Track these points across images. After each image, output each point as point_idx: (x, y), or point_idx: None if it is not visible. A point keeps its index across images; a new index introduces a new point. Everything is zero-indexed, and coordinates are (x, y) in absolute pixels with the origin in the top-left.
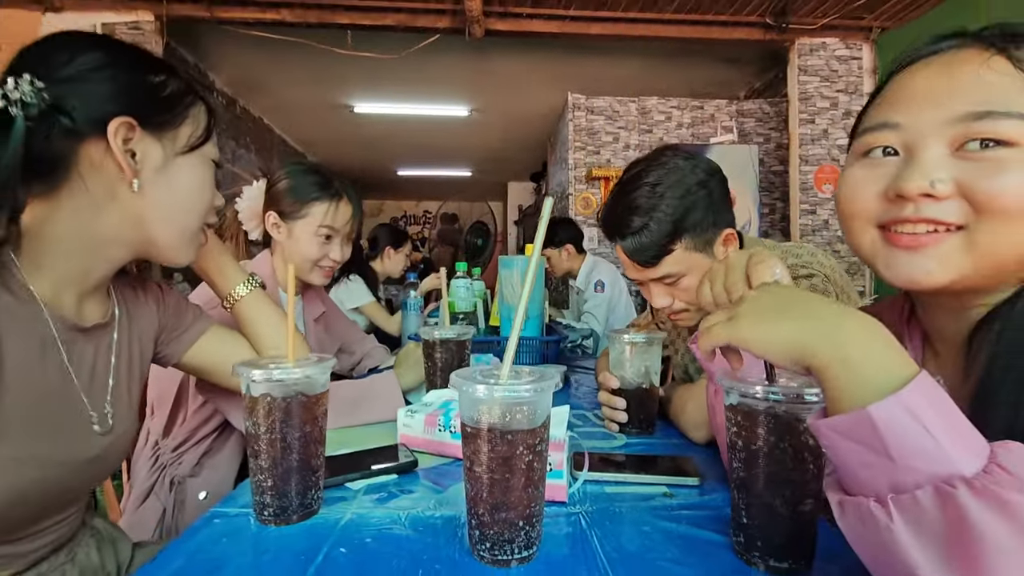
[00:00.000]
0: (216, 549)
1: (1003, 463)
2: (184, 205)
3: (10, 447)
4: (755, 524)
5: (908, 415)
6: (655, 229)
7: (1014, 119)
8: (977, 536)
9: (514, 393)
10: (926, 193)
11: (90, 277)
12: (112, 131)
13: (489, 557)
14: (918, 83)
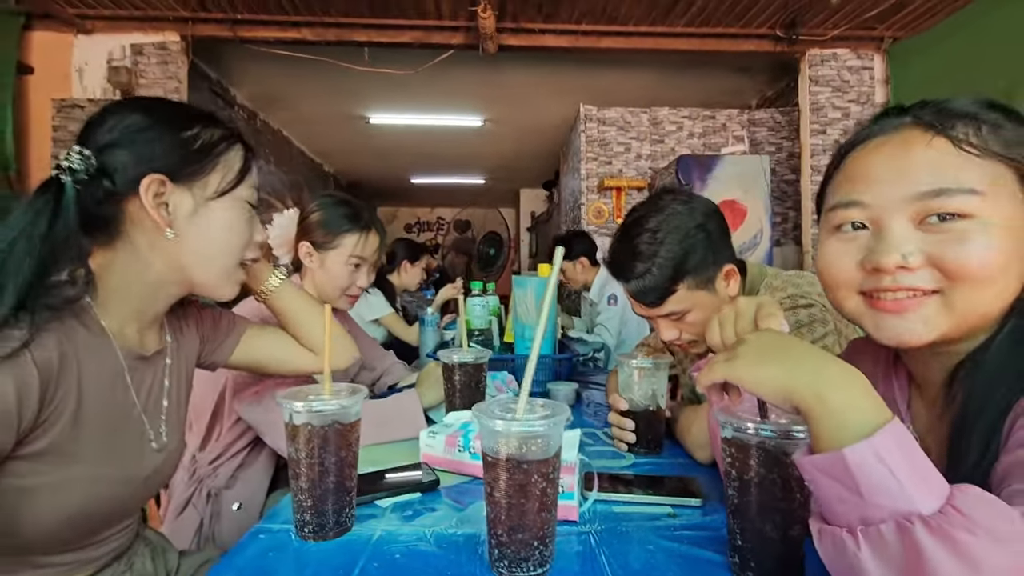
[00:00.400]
0: (263, 563)
1: (958, 505)
2: (218, 247)
3: (86, 467)
4: (748, 546)
5: (876, 458)
6: (657, 273)
7: (965, 194)
8: (929, 568)
9: (529, 428)
10: (900, 265)
11: (148, 313)
12: (144, 188)
13: (507, 574)
14: (874, 164)
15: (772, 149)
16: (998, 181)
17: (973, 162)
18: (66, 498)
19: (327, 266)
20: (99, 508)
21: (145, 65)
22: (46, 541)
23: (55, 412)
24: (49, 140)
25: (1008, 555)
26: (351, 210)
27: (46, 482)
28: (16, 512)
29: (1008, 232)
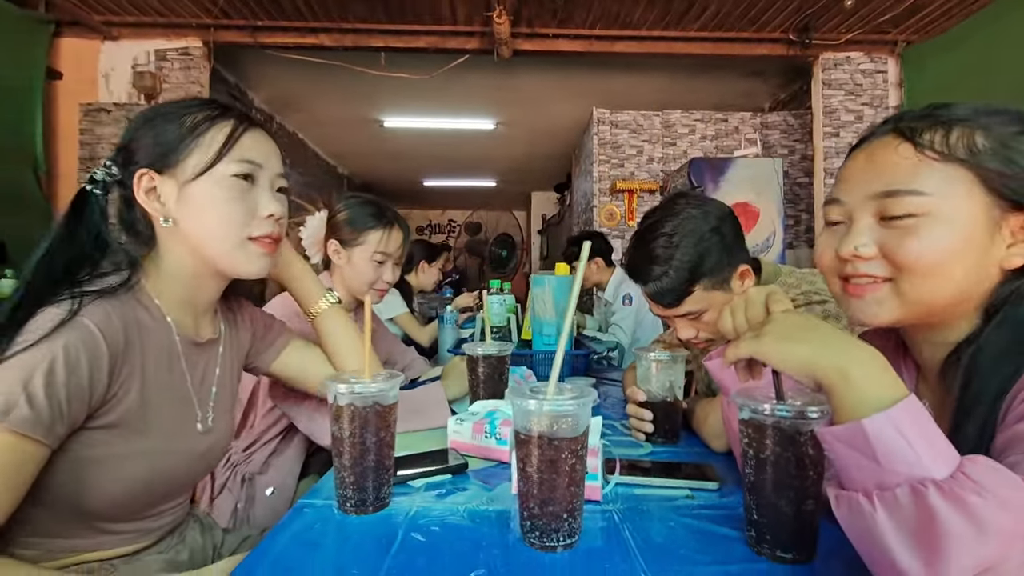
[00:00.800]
0: (311, 533)
1: (968, 471)
2: (212, 226)
3: (150, 442)
4: (764, 521)
5: (893, 428)
6: (673, 276)
7: (914, 195)
8: (940, 527)
9: (560, 407)
10: (855, 255)
11: (199, 301)
12: (135, 185)
13: (538, 544)
14: (853, 167)
15: (785, 152)
16: (951, 184)
17: (930, 166)
18: (132, 469)
19: (354, 262)
20: (159, 481)
21: (169, 70)
22: (112, 509)
23: (122, 388)
24: (76, 143)
25: (1012, 518)
26: (375, 208)
27: (115, 453)
28: (87, 480)
29: (954, 229)
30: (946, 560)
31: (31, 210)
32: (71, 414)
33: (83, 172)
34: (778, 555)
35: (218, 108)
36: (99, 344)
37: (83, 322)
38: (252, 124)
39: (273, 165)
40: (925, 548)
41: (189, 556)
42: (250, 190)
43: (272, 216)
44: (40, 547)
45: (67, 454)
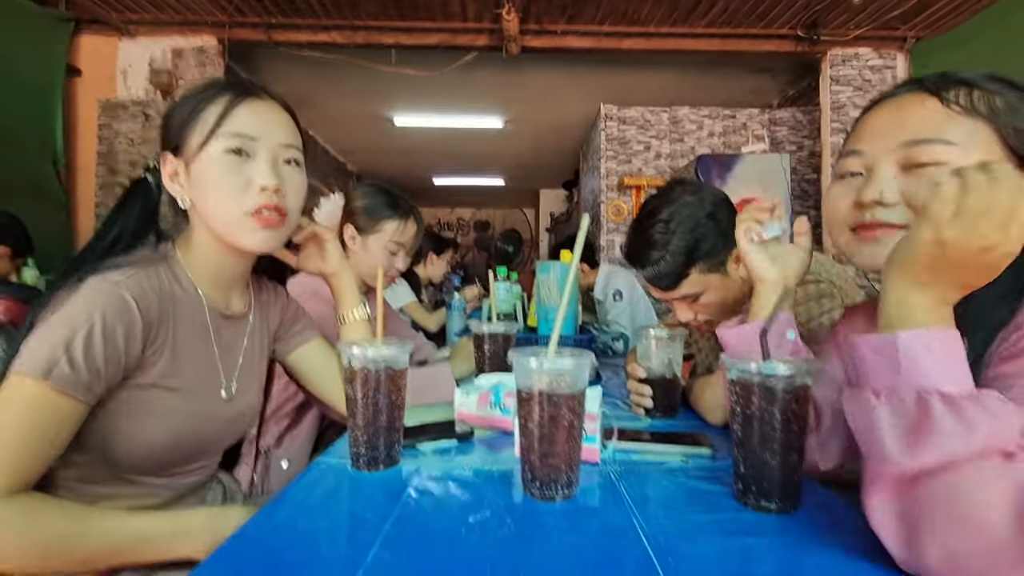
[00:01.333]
0: (326, 485)
1: (974, 393)
2: (211, 201)
3: (178, 402)
4: (750, 473)
5: (922, 345)
6: (670, 260)
7: (940, 144)
8: (933, 424)
9: (558, 365)
10: (877, 201)
11: (228, 276)
12: (162, 170)
13: (539, 494)
14: (875, 121)
15: (793, 148)
16: (975, 136)
17: (956, 119)
18: (160, 427)
19: (368, 249)
20: (185, 441)
21: (184, 67)
22: (141, 462)
23: (155, 354)
24: (95, 138)
25: (997, 420)
26: (392, 198)
27: (145, 411)
28: (120, 434)
29: None
30: (927, 443)
31: (49, 202)
32: (107, 376)
33: (100, 167)
34: (763, 505)
35: (220, 85)
36: (134, 314)
37: (121, 294)
38: (251, 93)
39: (275, 135)
40: (912, 439)
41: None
42: (244, 163)
43: (266, 188)
44: (78, 492)
45: (103, 409)
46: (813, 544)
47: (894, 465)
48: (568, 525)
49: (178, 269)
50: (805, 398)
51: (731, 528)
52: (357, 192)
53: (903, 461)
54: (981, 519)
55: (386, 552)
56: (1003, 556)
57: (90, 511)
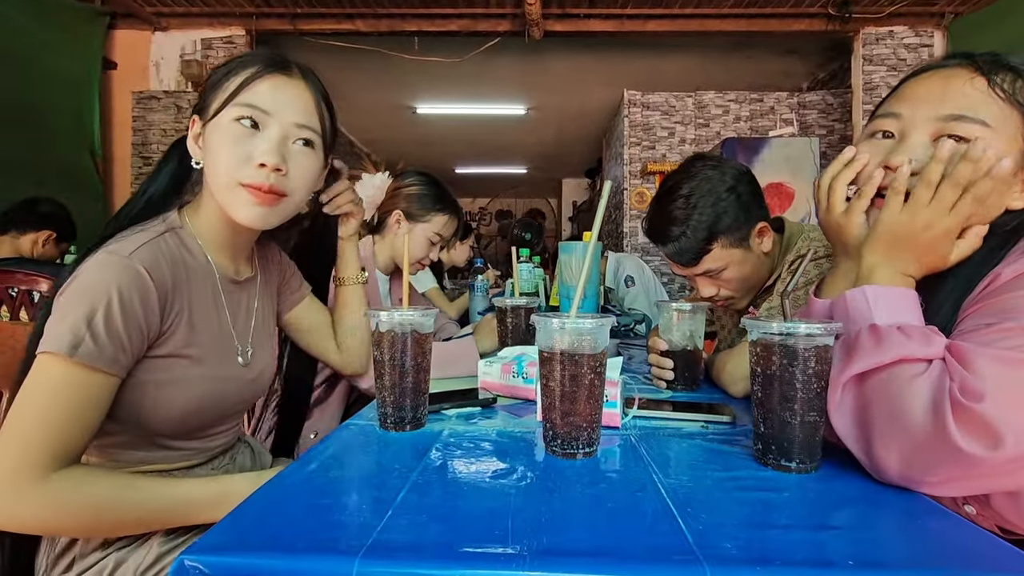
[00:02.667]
0: (357, 441)
1: (902, 325)
2: (213, 166)
3: (199, 369)
4: (770, 432)
5: (863, 298)
6: (692, 236)
7: (977, 123)
8: (857, 344)
9: (580, 325)
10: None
11: (233, 241)
12: (189, 132)
13: (560, 451)
14: (920, 88)
15: (823, 132)
16: (1007, 123)
17: (997, 103)
18: (186, 393)
19: (413, 235)
20: (210, 405)
21: (214, 58)
22: (171, 427)
23: (174, 323)
24: (130, 129)
25: (911, 340)
26: (445, 192)
27: (171, 378)
28: (150, 402)
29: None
30: (851, 360)
31: (88, 192)
32: (132, 347)
33: (136, 157)
34: (782, 464)
35: (256, 56)
36: (148, 285)
37: (134, 267)
38: (279, 69)
39: (291, 115)
40: (843, 360)
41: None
42: (252, 136)
43: (265, 166)
44: (116, 458)
45: (132, 380)
46: (831, 501)
47: (834, 379)
48: (589, 479)
49: (186, 236)
50: (826, 358)
51: (750, 485)
52: (411, 179)
53: (835, 377)
54: (908, 413)
55: (414, 496)
56: (933, 450)
57: (137, 479)
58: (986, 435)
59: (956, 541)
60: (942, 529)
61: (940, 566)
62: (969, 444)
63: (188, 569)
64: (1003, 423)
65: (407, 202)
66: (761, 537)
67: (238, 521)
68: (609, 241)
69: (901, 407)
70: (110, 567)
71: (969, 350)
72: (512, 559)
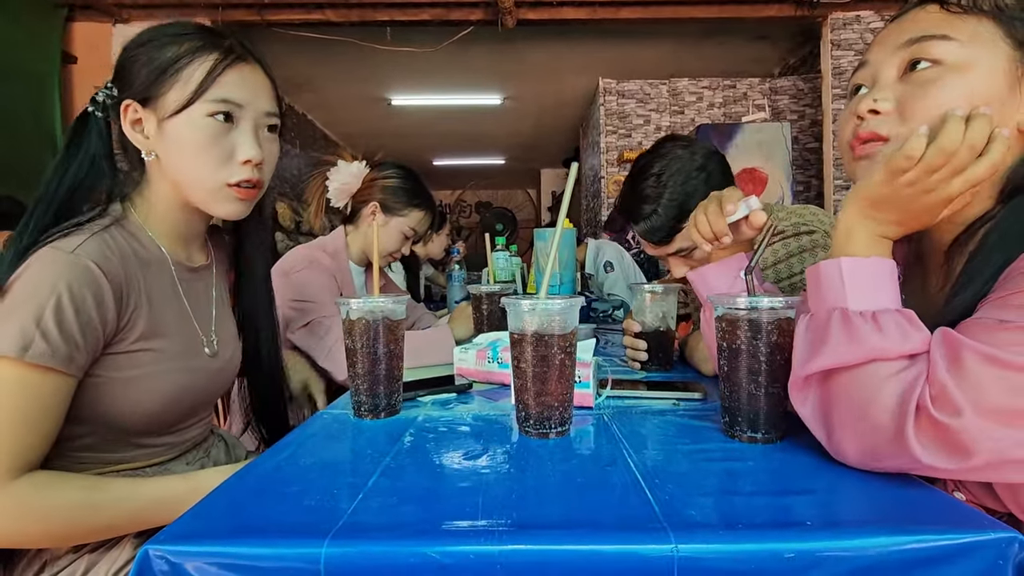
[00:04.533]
0: (330, 430)
1: (877, 314)
2: (187, 166)
3: (170, 361)
4: (736, 405)
5: (837, 270)
6: (663, 214)
7: (938, 40)
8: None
9: (550, 306)
10: (872, 110)
11: (189, 231)
12: (121, 116)
13: (533, 431)
14: (881, 33)
15: (795, 117)
16: (979, 32)
17: (957, 18)
18: (154, 388)
19: (387, 228)
20: (180, 398)
21: None
22: (142, 424)
23: (133, 317)
24: None
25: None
26: (422, 187)
27: (142, 373)
28: (118, 400)
29: (977, 77)
30: (816, 354)
31: None
32: (87, 345)
33: None
34: (749, 435)
35: (205, 39)
36: (100, 280)
37: (83, 262)
38: (239, 58)
39: (260, 103)
40: (809, 349)
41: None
42: (228, 131)
43: (249, 162)
44: (87, 461)
45: (95, 379)
46: (795, 468)
47: (798, 370)
48: (561, 456)
49: (134, 228)
50: (788, 331)
51: (717, 456)
52: (390, 171)
53: (799, 369)
54: (872, 416)
55: (386, 479)
56: (893, 456)
57: (104, 480)
58: (953, 450)
59: (913, 501)
60: (901, 491)
61: (896, 524)
62: (931, 457)
63: (153, 559)
64: (977, 440)
65: (384, 194)
66: (725, 504)
67: (205, 510)
68: (588, 229)
69: (866, 409)
70: (81, 570)
71: (964, 345)
72: (482, 534)
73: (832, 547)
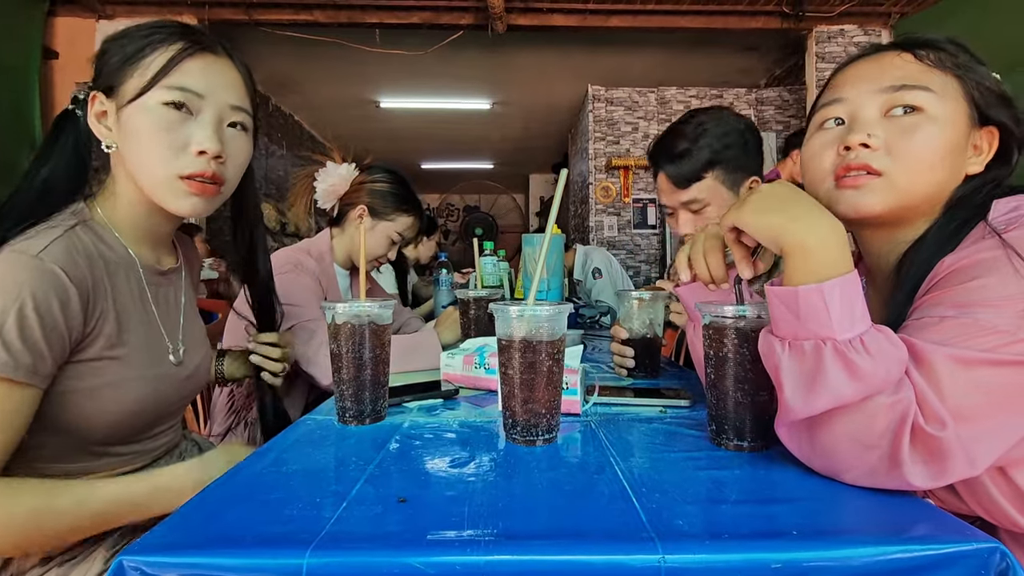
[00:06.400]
0: (313, 436)
1: (865, 338)
2: (141, 156)
3: (134, 369)
4: (723, 413)
5: (819, 297)
6: (694, 156)
7: (921, 90)
8: (822, 374)
9: (538, 312)
10: (864, 143)
11: (154, 230)
12: (88, 107)
13: (520, 439)
14: (856, 71)
15: (780, 128)
16: (948, 88)
17: (932, 71)
18: (123, 395)
19: (375, 232)
20: (146, 406)
21: None
22: (109, 434)
23: (99, 323)
24: None
25: (877, 366)
26: (411, 192)
27: (106, 382)
28: (82, 410)
29: (947, 129)
30: (816, 395)
31: None
32: (52, 354)
33: None
34: (735, 444)
35: (175, 31)
36: (67, 286)
37: (47, 266)
38: (205, 48)
39: (224, 96)
40: (806, 386)
41: None
42: (184, 121)
43: (205, 153)
44: (52, 472)
45: (59, 389)
46: (780, 477)
47: (795, 412)
48: (548, 464)
49: (100, 228)
50: None
51: (703, 464)
52: (379, 175)
53: (801, 409)
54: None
55: (370, 487)
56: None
57: (59, 484)
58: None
59: (898, 511)
60: (885, 501)
61: (881, 534)
62: (920, 479)
63: (128, 571)
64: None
65: (372, 198)
66: (712, 512)
67: (183, 519)
68: (576, 235)
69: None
70: None
71: (925, 349)
72: (468, 544)
73: (818, 557)
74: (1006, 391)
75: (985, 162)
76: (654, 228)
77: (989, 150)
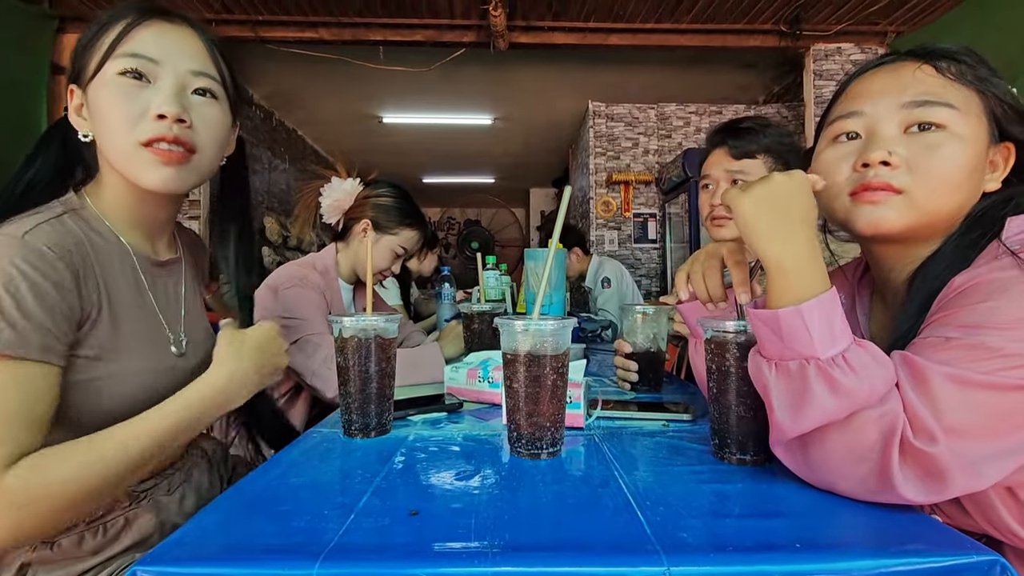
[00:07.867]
0: (320, 449)
1: (847, 356)
2: (104, 130)
3: (134, 360)
4: (726, 427)
5: (800, 319)
6: (758, 135)
7: (944, 106)
8: (808, 391)
9: (543, 326)
10: (884, 161)
11: (145, 218)
12: (68, 103)
13: (525, 452)
14: (874, 83)
15: None
16: (969, 103)
17: (954, 85)
18: (121, 389)
19: (379, 246)
20: (149, 400)
21: None
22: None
23: (93, 308)
24: None
25: (861, 382)
26: (415, 207)
27: (103, 374)
28: (90, 406)
29: (969, 147)
30: (803, 414)
31: None
32: (59, 330)
33: None
34: (738, 457)
35: (127, 6)
36: (55, 264)
37: (35, 246)
38: (158, 15)
39: (183, 61)
40: (793, 405)
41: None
42: (143, 89)
43: (165, 118)
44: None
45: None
46: (783, 490)
47: (785, 432)
48: (552, 477)
49: (90, 216)
50: None
51: (707, 477)
52: (384, 190)
53: (790, 428)
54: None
55: (377, 499)
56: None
57: (96, 440)
58: (935, 477)
59: (899, 524)
60: (887, 514)
61: (882, 547)
62: (915, 494)
63: None
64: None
65: (376, 212)
66: (716, 526)
67: (194, 530)
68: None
69: (857, 453)
70: None
71: (925, 367)
72: (474, 555)
73: (820, 570)
74: (1007, 414)
75: (1001, 179)
76: (654, 242)
77: (1005, 166)
